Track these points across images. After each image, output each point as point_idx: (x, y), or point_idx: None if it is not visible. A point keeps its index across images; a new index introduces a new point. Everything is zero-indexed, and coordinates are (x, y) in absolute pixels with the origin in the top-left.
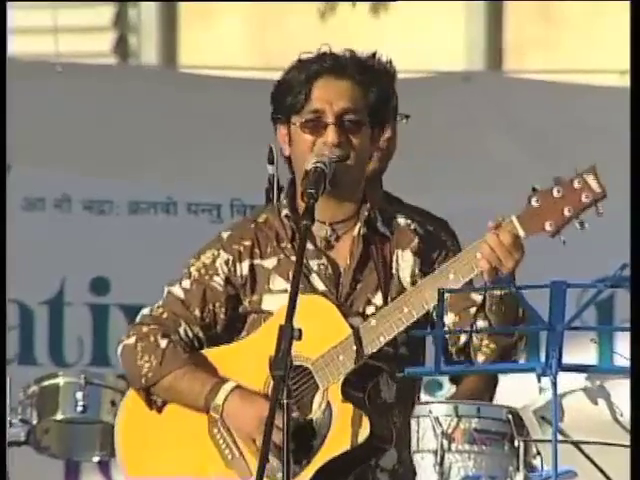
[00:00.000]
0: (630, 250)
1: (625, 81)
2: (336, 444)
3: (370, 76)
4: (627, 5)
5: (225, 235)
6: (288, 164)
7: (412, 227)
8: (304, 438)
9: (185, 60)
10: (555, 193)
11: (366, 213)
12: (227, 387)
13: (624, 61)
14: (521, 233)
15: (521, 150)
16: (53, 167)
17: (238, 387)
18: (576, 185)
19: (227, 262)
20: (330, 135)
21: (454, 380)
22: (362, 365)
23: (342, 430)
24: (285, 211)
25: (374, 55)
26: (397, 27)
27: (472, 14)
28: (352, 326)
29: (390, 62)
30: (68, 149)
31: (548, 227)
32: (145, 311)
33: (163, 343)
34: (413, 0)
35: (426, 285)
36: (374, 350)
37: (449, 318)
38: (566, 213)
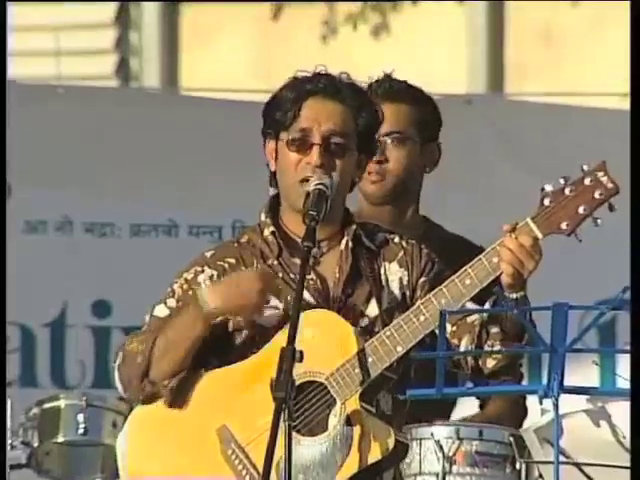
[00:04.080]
0: (630, 272)
1: (626, 104)
2: (360, 457)
3: (362, 101)
4: (627, 28)
5: (208, 254)
6: (272, 180)
7: (396, 241)
8: (325, 454)
9: (186, 83)
10: (567, 192)
11: (353, 227)
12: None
13: (625, 84)
14: (538, 234)
15: (522, 173)
16: (54, 190)
17: None
18: (587, 182)
19: (211, 277)
20: (314, 156)
21: (481, 405)
22: (377, 376)
23: (366, 442)
24: (270, 228)
25: (389, 76)
26: (398, 50)
27: (473, 37)
28: (365, 338)
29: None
30: (69, 172)
31: (564, 226)
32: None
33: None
34: (417, 1)
35: (443, 292)
36: (392, 360)
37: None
38: (581, 211)
